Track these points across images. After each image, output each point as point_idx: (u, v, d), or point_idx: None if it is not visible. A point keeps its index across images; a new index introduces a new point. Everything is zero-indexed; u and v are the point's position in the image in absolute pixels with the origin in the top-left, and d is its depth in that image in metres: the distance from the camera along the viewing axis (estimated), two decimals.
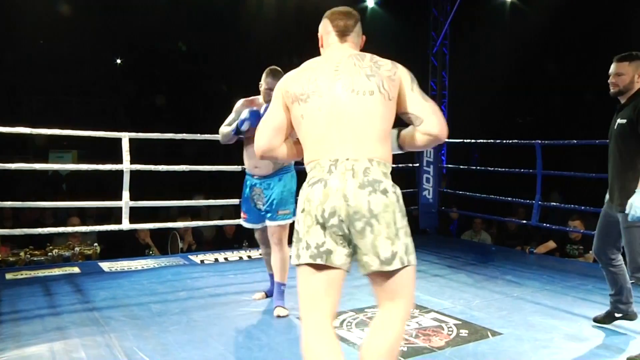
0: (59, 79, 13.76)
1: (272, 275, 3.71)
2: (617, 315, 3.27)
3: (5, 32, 12.04)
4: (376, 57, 1.93)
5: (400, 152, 2.03)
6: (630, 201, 2.76)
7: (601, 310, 3.54)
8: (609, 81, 3.04)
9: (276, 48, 14.56)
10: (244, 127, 3.38)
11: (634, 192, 2.76)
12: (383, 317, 1.89)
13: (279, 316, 3.44)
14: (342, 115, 1.83)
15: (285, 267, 3.54)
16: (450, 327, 3.28)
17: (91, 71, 14.07)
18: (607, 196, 3.18)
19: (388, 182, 1.82)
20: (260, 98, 3.55)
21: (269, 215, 3.51)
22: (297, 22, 11.29)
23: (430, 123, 1.89)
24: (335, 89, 1.84)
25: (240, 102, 3.61)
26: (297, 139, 1.95)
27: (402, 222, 1.83)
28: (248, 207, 3.64)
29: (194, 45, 13.65)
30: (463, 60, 9.36)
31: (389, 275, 1.83)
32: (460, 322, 3.35)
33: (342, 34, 2.00)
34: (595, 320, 3.38)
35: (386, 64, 1.90)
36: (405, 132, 1.97)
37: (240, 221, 3.77)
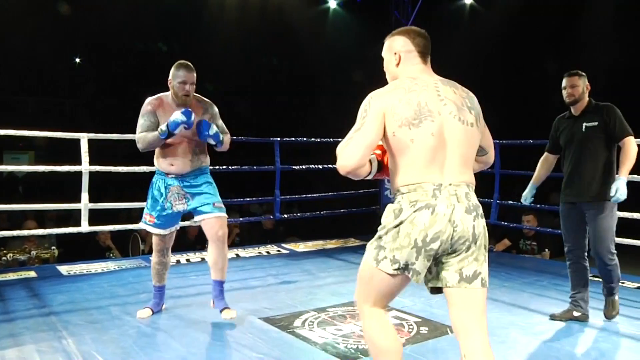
0: (14, 77, 13.38)
1: (160, 288, 3.51)
2: (575, 314, 3.48)
3: None
4: (461, 87, 2.04)
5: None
6: (614, 186, 3.21)
7: (556, 305, 3.70)
8: (565, 93, 3.48)
9: (233, 48, 14.51)
10: (177, 131, 3.14)
11: (612, 180, 3.28)
12: (474, 333, 1.94)
13: (232, 318, 3.33)
14: (450, 141, 1.89)
15: (226, 264, 3.42)
16: (411, 324, 3.33)
17: (49, 70, 13.74)
18: (566, 196, 3.51)
19: (481, 208, 1.94)
20: (168, 95, 3.30)
21: (202, 208, 3.31)
22: (262, 23, 11.26)
23: (492, 155, 2.13)
24: (444, 114, 1.89)
25: (148, 104, 3.29)
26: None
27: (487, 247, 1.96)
28: (160, 210, 3.33)
29: (158, 43, 13.50)
30: None
31: (467, 294, 1.90)
32: (420, 320, 3.41)
33: (424, 54, 2.05)
34: (552, 317, 3.54)
35: (474, 98, 2.02)
36: None
37: (145, 226, 3.42)
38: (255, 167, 6.37)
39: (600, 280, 3.53)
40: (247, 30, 11.91)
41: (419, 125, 1.86)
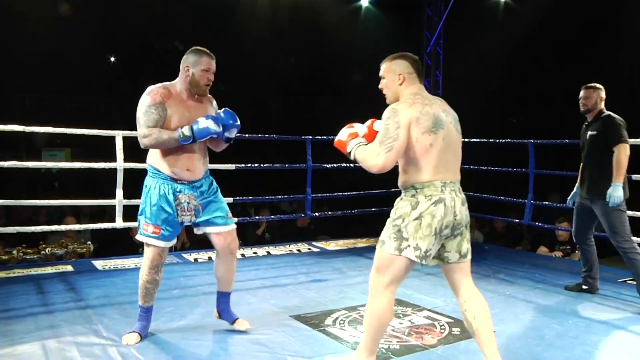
0: (52, 77, 13.70)
1: (148, 309, 3.06)
2: (584, 287, 4.08)
3: None
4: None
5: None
6: (608, 192, 3.70)
7: (593, 307, 3.66)
8: (580, 102, 3.97)
9: (270, 47, 14.58)
10: (202, 140, 2.86)
11: (609, 185, 3.70)
12: (470, 288, 2.50)
13: (247, 329, 3.14)
14: (453, 146, 2.40)
15: (235, 276, 3.19)
16: (443, 325, 3.30)
17: (85, 69, 14.03)
18: (578, 190, 4.09)
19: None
20: (176, 85, 2.92)
21: (216, 220, 3.00)
22: (291, 22, 11.30)
23: None
24: (447, 124, 2.39)
25: (157, 93, 2.84)
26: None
27: None
28: (167, 220, 2.91)
29: (189, 43, 13.66)
30: (457, 60, 9.38)
31: (463, 265, 2.48)
32: (452, 321, 3.37)
33: (420, 76, 2.51)
34: (566, 288, 4.15)
35: None
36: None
37: (146, 238, 2.93)
38: (287, 165, 6.39)
39: (634, 282, 3.90)
40: (278, 29, 11.96)
41: (436, 132, 2.33)
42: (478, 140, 6.59)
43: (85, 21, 12.37)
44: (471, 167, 7.19)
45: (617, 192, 3.67)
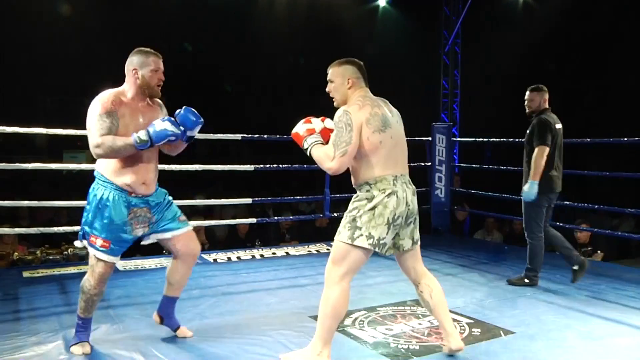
0: (72, 79, 13.88)
1: (90, 320, 2.89)
2: (574, 268, 4.14)
3: (20, 33, 12.18)
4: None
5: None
6: (523, 188, 4.11)
7: (616, 309, 3.62)
8: (525, 104, 4.32)
9: (287, 48, 14.60)
10: (161, 144, 2.69)
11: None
12: (423, 270, 2.78)
13: (190, 337, 3.05)
14: (400, 143, 2.62)
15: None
16: (463, 326, 3.28)
17: (104, 71, 14.20)
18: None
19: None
20: (124, 92, 2.77)
21: (170, 225, 2.88)
22: (308, 22, 11.31)
23: None
24: (393, 123, 2.60)
25: (108, 101, 2.69)
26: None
27: None
28: (117, 235, 2.73)
29: (200, 45, 13.73)
30: (475, 59, 9.33)
31: (415, 251, 2.72)
32: (472, 321, 3.35)
33: (366, 80, 2.68)
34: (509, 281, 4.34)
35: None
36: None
37: (94, 251, 2.73)
38: (305, 166, 6.39)
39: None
40: (294, 30, 11.97)
41: (385, 130, 2.54)
42: (497, 139, 6.54)
43: (104, 24, 12.51)
44: (490, 167, 7.16)
45: (528, 189, 4.03)
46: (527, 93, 4.23)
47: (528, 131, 4.20)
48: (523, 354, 2.89)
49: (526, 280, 4.27)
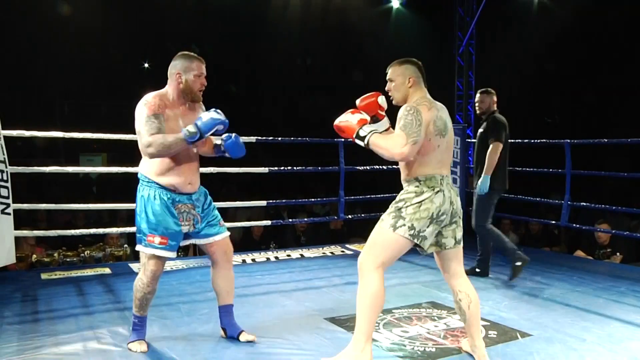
0: (89, 83, 14.03)
1: (144, 318, 2.96)
2: (517, 264, 4.33)
3: (38, 38, 12.34)
4: None
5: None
6: (478, 182, 4.37)
7: (635, 312, 3.57)
8: (476, 106, 4.58)
9: (301, 49, 14.64)
10: (209, 134, 2.72)
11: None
12: (461, 273, 2.77)
13: (253, 340, 3.03)
14: (450, 147, 2.70)
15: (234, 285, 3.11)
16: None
17: (120, 75, 14.31)
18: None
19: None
20: (167, 94, 2.82)
21: (211, 230, 2.94)
22: (322, 24, 11.32)
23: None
24: (450, 128, 2.68)
25: (154, 103, 2.73)
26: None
27: None
28: (172, 229, 2.80)
29: (215, 47, 13.80)
30: (489, 60, 9.28)
31: (458, 250, 2.73)
32: (488, 324, 3.33)
33: (425, 81, 2.74)
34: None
35: None
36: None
37: (152, 249, 2.78)
38: (320, 168, 6.40)
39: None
40: (308, 32, 12.00)
41: (444, 135, 2.62)
42: (512, 140, 6.48)
43: (120, 29, 12.63)
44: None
45: (481, 183, 4.34)
46: (478, 95, 4.53)
47: (482, 130, 4.48)
48: (540, 356, 2.86)
49: (477, 270, 4.56)
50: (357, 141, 2.62)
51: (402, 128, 2.51)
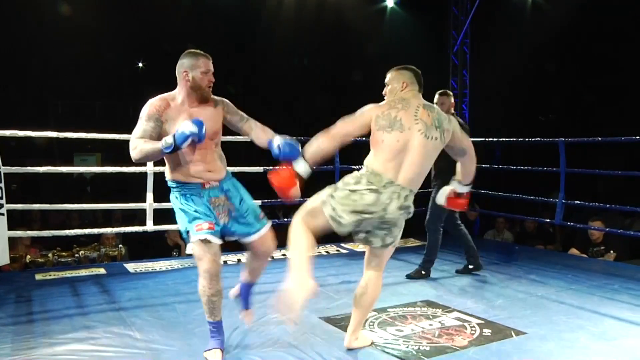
0: (82, 83, 13.99)
1: (219, 323, 2.90)
2: (470, 267, 4.65)
3: (31, 39, 12.29)
4: (437, 109, 2.77)
5: None
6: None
7: (630, 309, 3.59)
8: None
9: (296, 49, 14.63)
10: (185, 145, 2.60)
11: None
12: (375, 269, 2.87)
13: (247, 321, 3.22)
14: (412, 153, 2.63)
15: None
16: (473, 326, 3.27)
17: (114, 75, 14.29)
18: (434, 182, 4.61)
19: (412, 208, 2.75)
20: (175, 95, 2.83)
21: (252, 223, 2.93)
22: (316, 24, 11.32)
23: (472, 154, 2.96)
24: (414, 131, 2.63)
25: (152, 106, 2.78)
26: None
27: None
28: (213, 216, 2.81)
29: (211, 47, 13.79)
30: (484, 59, 9.28)
31: (384, 251, 2.83)
32: (483, 322, 3.34)
33: (420, 85, 2.82)
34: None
35: (445, 119, 2.75)
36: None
37: (202, 236, 2.72)
38: (315, 167, 6.39)
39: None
40: (303, 31, 11.99)
41: (390, 132, 2.62)
42: (507, 139, 6.51)
43: (114, 28, 12.60)
44: (500, 166, 7.13)
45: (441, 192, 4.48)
46: (437, 97, 4.56)
47: None
48: (535, 354, 2.87)
49: (423, 272, 4.57)
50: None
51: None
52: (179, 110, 2.77)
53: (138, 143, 2.68)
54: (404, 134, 2.62)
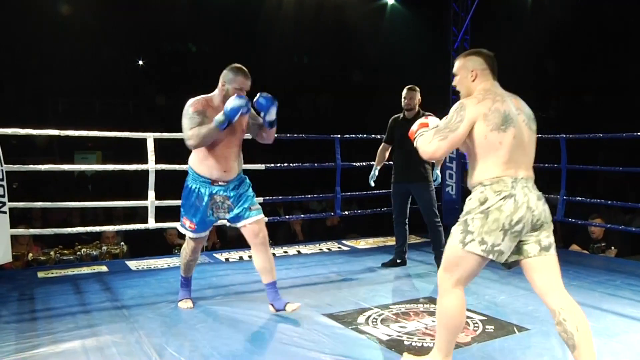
0: (82, 80, 13.98)
1: (189, 278, 3.64)
2: (398, 261, 4.80)
3: (31, 37, 12.27)
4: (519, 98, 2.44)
5: None
6: (437, 173, 4.73)
7: (631, 305, 3.60)
8: (404, 101, 4.66)
9: (297, 47, 14.63)
10: (236, 119, 3.10)
11: (427, 170, 4.60)
12: (558, 288, 2.38)
13: (298, 307, 3.31)
14: (524, 144, 2.32)
15: (274, 263, 3.41)
16: (476, 323, 3.27)
17: (114, 73, 14.27)
18: (399, 179, 4.73)
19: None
20: (214, 98, 3.25)
21: (241, 214, 3.31)
22: (317, 21, 11.31)
23: None
24: (519, 122, 2.31)
25: (197, 103, 3.20)
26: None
27: None
28: (201, 218, 3.34)
29: (213, 46, 13.78)
30: None
31: (546, 259, 2.34)
32: (485, 318, 3.34)
33: (494, 72, 2.47)
34: (383, 264, 4.82)
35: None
36: None
37: (184, 230, 3.42)
38: (316, 164, 6.40)
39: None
40: (304, 29, 11.99)
41: (505, 130, 2.26)
42: None
43: (114, 26, 12.60)
44: None
45: (440, 175, 4.78)
46: (405, 91, 4.63)
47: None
48: (538, 350, 2.87)
49: (398, 261, 4.82)
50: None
51: (440, 124, 2.38)
52: (216, 112, 3.15)
53: (194, 131, 3.10)
54: (516, 128, 2.28)
